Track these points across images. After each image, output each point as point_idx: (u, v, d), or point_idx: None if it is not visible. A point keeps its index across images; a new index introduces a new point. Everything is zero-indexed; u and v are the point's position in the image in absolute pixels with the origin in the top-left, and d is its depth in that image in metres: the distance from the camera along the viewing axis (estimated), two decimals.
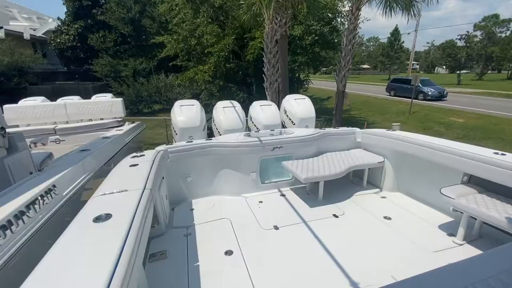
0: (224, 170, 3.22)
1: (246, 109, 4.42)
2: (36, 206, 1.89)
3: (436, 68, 73.76)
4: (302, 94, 6.70)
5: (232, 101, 4.39)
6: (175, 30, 12.88)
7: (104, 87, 17.82)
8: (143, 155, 2.51)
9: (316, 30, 11.79)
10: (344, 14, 12.25)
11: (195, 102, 4.11)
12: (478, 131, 12.04)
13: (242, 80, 13.10)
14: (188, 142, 3.12)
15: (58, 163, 2.59)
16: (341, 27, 13.26)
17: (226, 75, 12.41)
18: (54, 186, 2.13)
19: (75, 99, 5.49)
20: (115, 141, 3.57)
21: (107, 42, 19.95)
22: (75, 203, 2.33)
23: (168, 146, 2.97)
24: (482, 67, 48.15)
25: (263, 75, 7.51)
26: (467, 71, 57.53)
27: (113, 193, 1.63)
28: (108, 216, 1.33)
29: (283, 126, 4.50)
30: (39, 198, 1.94)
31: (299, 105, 4.48)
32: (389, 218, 2.67)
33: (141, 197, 1.57)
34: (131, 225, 1.27)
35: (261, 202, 3.05)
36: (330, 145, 3.66)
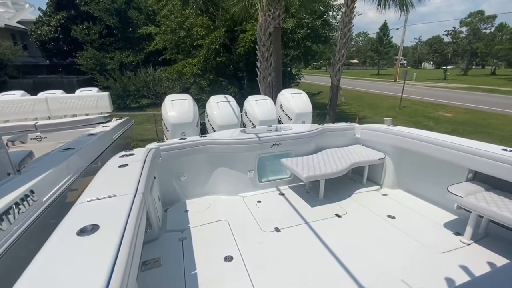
0: (220, 168, 3.06)
1: (238, 104, 4.24)
2: (11, 217, 1.67)
3: (423, 63, 75.16)
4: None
5: (226, 95, 4.21)
6: (164, 22, 12.45)
7: (89, 81, 17.19)
8: (133, 154, 2.31)
9: (308, 24, 11.62)
10: (336, 7, 12.12)
11: (187, 96, 3.90)
12: (466, 125, 12.27)
13: (233, 74, 12.84)
14: (181, 139, 2.93)
15: (37, 164, 2.34)
16: (333, 21, 13.18)
17: (217, 69, 12.11)
18: (31, 191, 1.91)
19: (58, 93, 5.15)
20: (101, 139, 3.30)
21: (92, 34, 19.22)
22: (59, 208, 2.12)
23: (160, 143, 2.77)
24: (467, 62, 49.35)
25: (256, 69, 7.31)
26: (452, 66, 58.90)
27: (100, 199, 1.44)
28: (94, 228, 1.15)
29: (279, 122, 4.35)
30: (14, 206, 1.72)
31: (295, 99, 4.33)
32: (393, 217, 2.58)
33: (132, 204, 1.39)
34: (122, 238, 1.10)
35: (260, 202, 2.91)
36: (329, 142, 3.55)
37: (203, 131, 4.20)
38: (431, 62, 66.32)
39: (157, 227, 2.32)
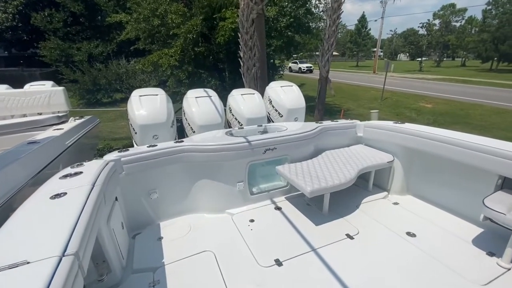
0: (201, 181, 2.48)
1: (220, 98, 3.63)
2: None
3: (399, 55, 77.18)
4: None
5: (206, 89, 3.60)
6: (135, 9, 11.36)
7: (54, 74, 15.64)
8: (80, 172, 1.68)
9: (291, 12, 11.07)
10: None
11: (158, 90, 3.25)
12: (446, 116, 12.39)
13: (213, 66, 12.06)
14: (150, 146, 2.30)
15: None
16: (315, 10, 12.76)
17: (196, 60, 11.28)
18: None
19: (2, 88, 4.27)
20: (45, 148, 2.46)
21: (55, 22, 17.50)
22: None
23: (122, 153, 2.15)
24: (440, 54, 51.20)
25: (239, 59, 6.68)
26: (426, 58, 60.96)
27: None
28: None
29: (269, 119, 3.82)
30: None
31: (286, 93, 3.81)
32: (413, 235, 2.15)
33: (52, 277, 0.81)
34: None
35: (253, 221, 2.37)
36: (329, 142, 3.07)
37: (181, 131, 3.58)
38: (407, 54, 68.18)
39: (119, 268, 1.73)
